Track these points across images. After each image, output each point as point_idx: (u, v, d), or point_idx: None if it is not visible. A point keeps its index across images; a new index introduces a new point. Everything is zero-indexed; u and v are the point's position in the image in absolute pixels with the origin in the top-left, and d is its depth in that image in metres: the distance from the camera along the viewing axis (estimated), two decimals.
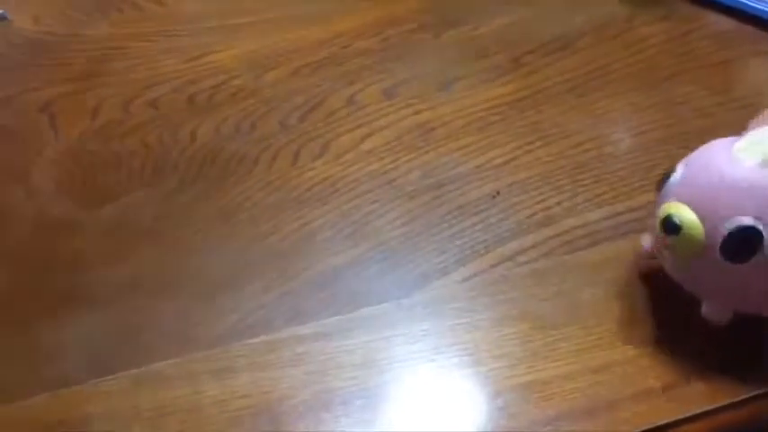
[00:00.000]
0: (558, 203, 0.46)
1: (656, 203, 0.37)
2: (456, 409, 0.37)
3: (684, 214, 0.34)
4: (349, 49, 0.57)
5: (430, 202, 0.47)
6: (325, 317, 0.41)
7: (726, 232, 0.34)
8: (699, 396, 0.37)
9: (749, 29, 0.56)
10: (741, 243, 0.34)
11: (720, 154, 0.35)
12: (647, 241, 0.39)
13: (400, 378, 0.38)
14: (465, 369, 0.38)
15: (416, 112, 0.52)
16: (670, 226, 0.35)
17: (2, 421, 0.37)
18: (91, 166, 0.50)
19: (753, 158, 0.34)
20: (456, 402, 0.37)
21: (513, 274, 0.42)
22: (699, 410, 0.36)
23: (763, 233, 0.33)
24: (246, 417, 0.37)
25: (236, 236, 0.45)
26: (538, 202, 0.46)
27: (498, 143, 0.50)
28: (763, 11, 0.57)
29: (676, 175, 0.36)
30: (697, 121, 0.51)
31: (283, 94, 0.54)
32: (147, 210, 0.47)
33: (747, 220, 0.33)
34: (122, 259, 0.44)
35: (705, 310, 0.36)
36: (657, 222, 0.36)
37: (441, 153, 0.49)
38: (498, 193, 0.47)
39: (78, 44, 0.59)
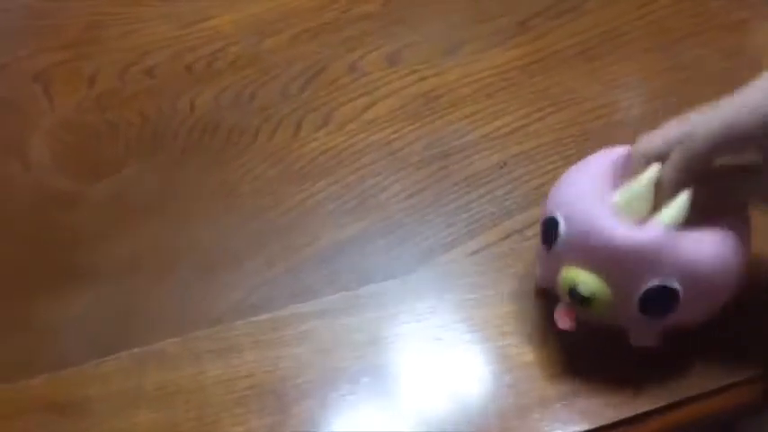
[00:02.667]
0: None
1: (543, 255, 0.36)
2: (464, 386, 0.36)
3: (591, 286, 0.33)
4: (350, 13, 0.55)
5: (436, 173, 0.45)
6: (329, 293, 0.40)
7: (641, 295, 0.33)
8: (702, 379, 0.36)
9: None
10: (660, 299, 0.33)
11: (604, 212, 0.33)
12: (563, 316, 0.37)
13: (407, 355, 0.38)
14: (473, 346, 0.38)
15: (421, 79, 0.51)
16: (578, 298, 0.34)
17: (3, 401, 0.37)
18: (88, 137, 0.49)
19: (634, 217, 0.33)
20: (464, 380, 0.37)
21: (521, 247, 0.41)
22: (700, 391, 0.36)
23: (678, 289, 0.33)
24: (251, 396, 0.36)
25: (238, 210, 0.44)
26: (546, 172, 0.45)
27: (506, 111, 0.48)
28: None
29: (562, 231, 0.34)
30: (710, 84, 0.49)
31: (283, 61, 0.52)
32: (147, 183, 0.46)
33: (662, 281, 0.33)
34: (122, 235, 0.43)
35: (633, 339, 0.36)
36: (560, 287, 0.34)
37: (446, 122, 0.48)
38: (506, 163, 0.45)
39: (72, 10, 0.57)
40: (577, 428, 0.35)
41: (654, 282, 0.33)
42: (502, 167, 0.45)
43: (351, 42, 0.53)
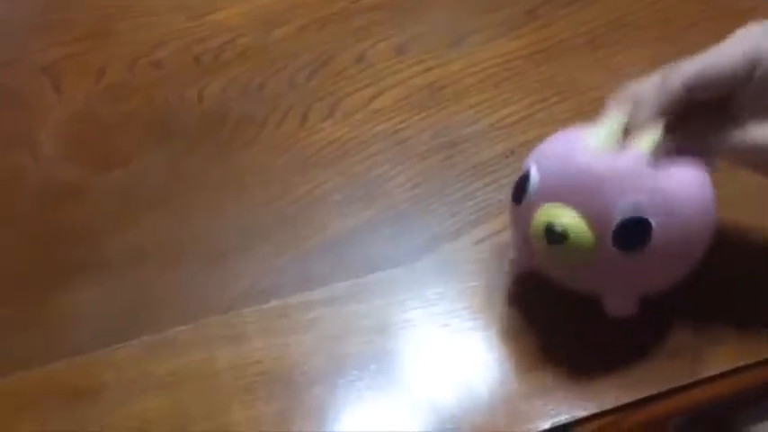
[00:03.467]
0: None
1: (515, 214, 0.35)
2: (471, 371, 0.37)
3: (567, 219, 0.32)
4: (358, 4, 0.55)
5: (442, 162, 0.46)
6: (337, 281, 0.40)
7: (616, 223, 0.32)
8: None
9: None
10: (634, 229, 0.32)
11: (577, 148, 0.33)
12: (523, 260, 0.37)
13: (414, 342, 0.38)
14: (479, 332, 0.38)
15: (427, 69, 0.51)
16: (554, 236, 0.32)
17: (18, 389, 0.37)
18: (98, 129, 0.49)
19: (609, 147, 0.33)
20: (470, 365, 0.37)
21: None
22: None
23: (650, 218, 0.32)
24: (260, 383, 0.37)
25: (246, 199, 0.45)
26: None
27: (512, 100, 0.49)
28: None
29: (534, 178, 0.34)
30: None
31: (291, 52, 0.53)
32: (156, 173, 0.47)
33: (636, 206, 0.32)
34: (132, 225, 0.44)
35: (609, 307, 0.35)
36: (535, 232, 0.33)
37: (452, 111, 0.48)
38: (513, 152, 0.45)
39: (81, 2, 0.57)
40: (584, 413, 0.35)
41: (629, 207, 0.32)
42: (508, 156, 0.45)
43: (358, 33, 0.53)
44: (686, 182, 0.33)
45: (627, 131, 0.34)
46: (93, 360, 0.38)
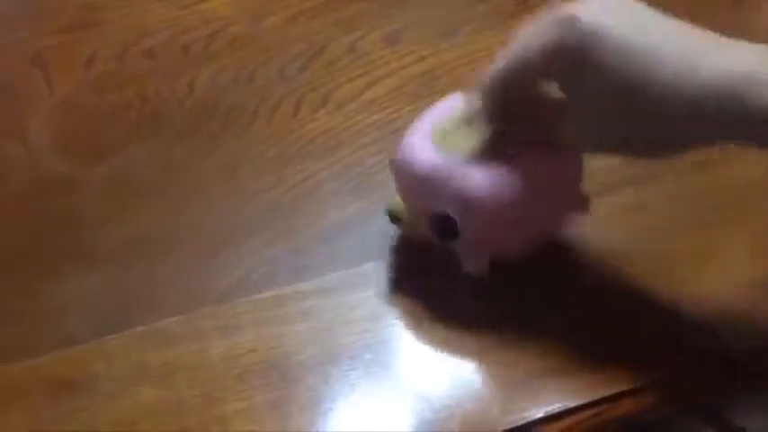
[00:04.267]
0: None
1: None
2: (463, 361, 0.37)
3: (396, 206, 0.39)
4: None
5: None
6: (330, 271, 0.40)
7: (429, 219, 0.37)
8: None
9: None
10: (444, 228, 0.37)
11: (419, 145, 0.37)
12: None
13: (408, 332, 0.38)
14: (474, 321, 0.38)
15: (420, 59, 0.51)
16: (392, 218, 0.39)
17: (7, 381, 0.37)
18: (87, 119, 0.49)
19: (450, 148, 0.36)
20: (463, 355, 0.37)
21: None
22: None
23: (453, 216, 0.36)
24: (254, 373, 0.37)
25: (238, 190, 0.45)
26: None
27: None
28: None
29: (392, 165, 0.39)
30: None
31: (281, 42, 0.52)
32: (147, 164, 0.46)
33: (442, 206, 0.36)
34: (123, 215, 0.44)
35: (464, 266, 0.38)
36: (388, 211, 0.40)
37: None
38: None
39: None
40: (580, 401, 0.35)
41: (436, 208, 0.36)
42: None
43: (350, 23, 0.53)
44: (486, 178, 0.35)
45: (466, 124, 0.37)
46: (85, 351, 0.38)
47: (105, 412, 0.36)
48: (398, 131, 0.47)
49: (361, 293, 0.39)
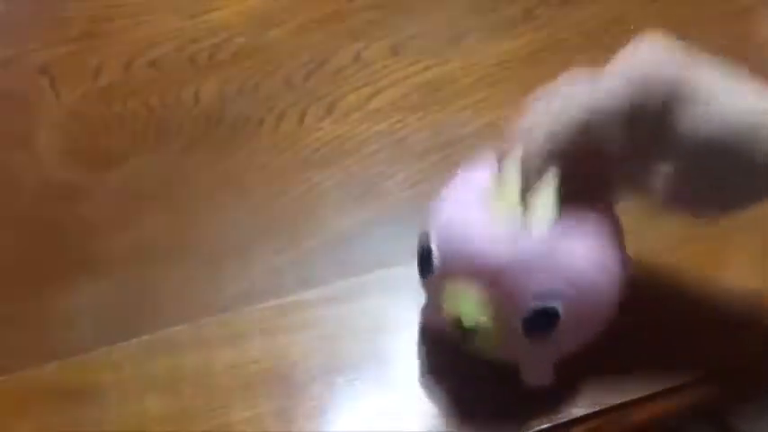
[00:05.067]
0: None
1: (425, 285, 0.34)
2: (471, 371, 0.37)
3: (474, 314, 0.31)
4: (354, 3, 0.55)
5: (440, 161, 0.46)
6: (335, 280, 0.40)
7: (524, 315, 0.31)
8: None
9: None
10: (543, 317, 0.31)
11: (477, 221, 0.31)
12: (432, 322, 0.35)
13: (414, 341, 0.38)
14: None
15: (425, 69, 0.51)
16: (464, 332, 0.31)
17: (15, 388, 0.37)
18: (94, 129, 0.49)
19: (513, 220, 0.31)
20: (470, 364, 0.37)
21: None
22: None
23: (558, 304, 0.31)
24: (259, 382, 0.37)
25: (244, 199, 0.45)
26: None
27: (509, 100, 0.48)
28: None
29: (435, 252, 0.32)
30: None
31: (287, 51, 0.53)
32: (153, 174, 0.46)
33: (543, 295, 0.31)
34: (130, 224, 0.44)
35: (526, 378, 0.34)
36: (447, 318, 0.32)
37: (450, 111, 0.48)
38: None
39: (76, 2, 0.57)
40: (586, 410, 0.35)
41: (537, 296, 0.30)
42: None
43: (355, 32, 0.53)
44: (590, 255, 0.31)
45: (522, 183, 0.32)
46: (92, 360, 0.38)
47: (112, 420, 0.36)
48: (403, 141, 0.47)
49: (366, 302, 0.39)
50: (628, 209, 0.39)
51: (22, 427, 0.36)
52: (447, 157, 0.46)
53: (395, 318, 0.39)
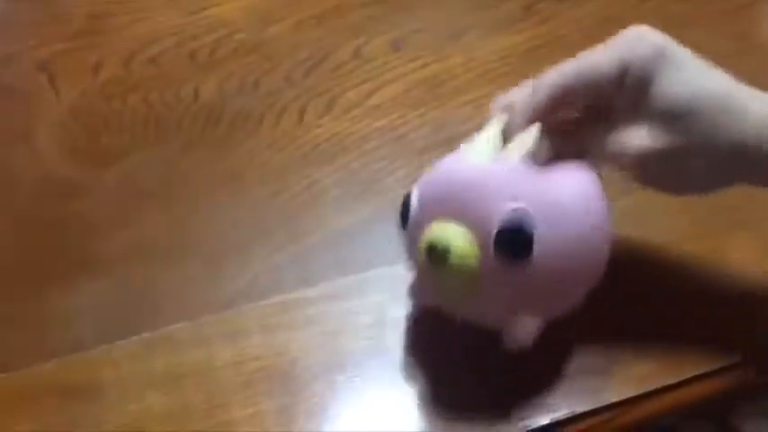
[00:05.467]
0: None
1: (405, 241, 0.34)
2: (470, 367, 0.37)
3: (449, 233, 0.30)
4: None
5: (440, 157, 0.45)
6: (336, 277, 0.40)
7: (495, 232, 0.30)
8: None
9: None
10: (515, 238, 0.30)
11: (455, 162, 0.33)
12: (417, 291, 0.36)
13: (414, 338, 0.38)
14: (480, 327, 0.38)
15: (425, 65, 0.51)
16: (436, 254, 0.30)
17: (15, 386, 0.37)
18: (94, 126, 0.49)
19: (487, 157, 0.32)
20: (471, 359, 0.37)
21: None
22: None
23: (531, 226, 0.30)
24: (260, 379, 0.37)
25: (244, 196, 0.45)
26: None
27: None
28: None
29: (414, 198, 0.33)
30: None
31: (287, 48, 0.52)
32: (153, 171, 0.46)
33: (510, 213, 0.30)
34: (130, 222, 0.44)
35: (506, 337, 0.33)
36: (420, 255, 0.31)
37: (451, 107, 0.48)
38: None
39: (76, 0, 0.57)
40: (587, 407, 0.35)
41: (507, 215, 0.30)
42: None
43: (355, 28, 0.53)
44: (570, 188, 0.32)
45: (505, 140, 0.33)
46: (92, 357, 0.38)
47: (113, 418, 0.36)
48: (404, 137, 0.47)
49: (367, 299, 0.39)
50: (629, 208, 0.39)
51: (23, 425, 0.36)
52: (447, 154, 0.46)
53: (396, 315, 0.38)
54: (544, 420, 0.35)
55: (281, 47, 0.53)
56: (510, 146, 0.33)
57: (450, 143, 0.46)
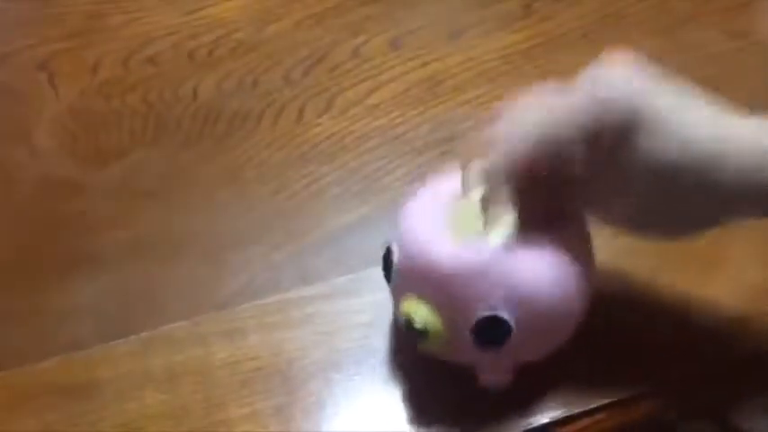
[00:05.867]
0: None
1: (390, 287, 0.35)
2: (468, 366, 0.36)
3: (424, 317, 0.32)
4: None
5: (439, 157, 0.46)
6: (334, 276, 0.40)
7: (472, 324, 0.31)
8: None
9: None
10: (492, 328, 0.31)
11: (431, 239, 0.32)
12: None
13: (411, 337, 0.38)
14: None
15: (424, 64, 0.51)
16: (414, 332, 0.32)
17: (14, 385, 0.37)
18: (92, 125, 0.49)
19: (470, 233, 0.32)
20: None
21: None
22: None
23: (507, 320, 0.31)
24: (257, 378, 0.37)
25: (243, 195, 0.45)
26: None
27: (509, 94, 0.48)
28: None
29: (396, 265, 0.33)
30: (714, 67, 0.49)
31: (286, 47, 0.52)
32: (151, 170, 0.46)
33: (488, 312, 0.31)
34: (128, 221, 0.44)
35: (482, 381, 0.34)
36: (400, 319, 0.33)
37: (450, 106, 0.48)
38: None
39: None
40: (585, 407, 0.35)
41: (484, 311, 0.31)
42: None
43: (354, 27, 0.53)
44: (545, 269, 0.32)
45: (483, 196, 0.32)
46: (90, 356, 0.38)
47: (111, 416, 0.36)
48: (402, 136, 0.47)
49: (365, 298, 0.39)
50: None
51: (21, 422, 0.36)
52: (447, 153, 0.46)
53: (393, 314, 0.38)
54: (540, 421, 0.35)
55: (279, 46, 0.53)
56: (490, 227, 0.32)
57: (450, 142, 0.46)
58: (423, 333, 0.32)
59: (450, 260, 0.31)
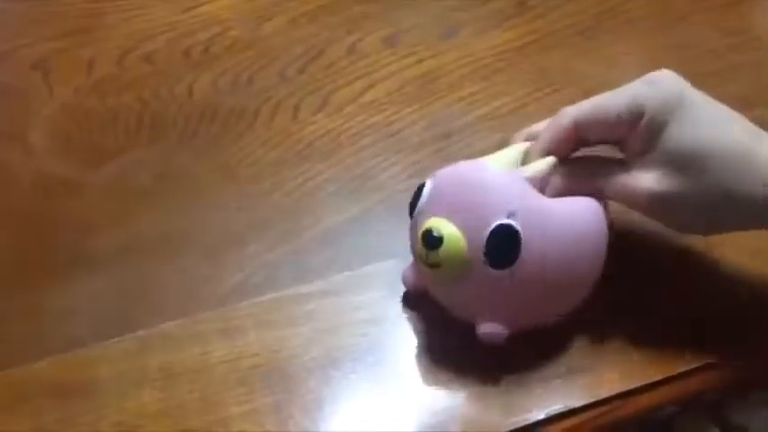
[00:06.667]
0: None
1: (410, 228, 0.36)
2: (467, 363, 0.37)
3: (444, 227, 0.33)
4: None
5: (435, 154, 0.46)
6: (331, 273, 0.40)
7: (486, 236, 0.33)
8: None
9: None
10: (503, 244, 0.33)
11: (468, 164, 0.36)
12: (409, 275, 0.38)
13: (410, 334, 0.38)
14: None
15: (419, 61, 0.51)
16: (431, 240, 0.33)
17: (10, 384, 0.37)
18: (88, 123, 0.49)
19: (502, 165, 0.36)
20: (466, 356, 0.37)
21: None
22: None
23: (520, 231, 0.33)
24: (255, 376, 0.37)
25: (239, 193, 0.45)
26: None
27: (505, 91, 0.49)
28: None
29: (425, 192, 0.36)
30: (711, 63, 0.49)
31: (281, 44, 0.52)
32: (147, 168, 0.46)
33: (504, 220, 0.33)
34: (124, 219, 0.44)
35: (480, 332, 0.35)
36: (418, 241, 0.34)
37: (445, 103, 0.48)
38: (506, 143, 0.45)
39: None
40: (582, 402, 0.35)
41: (500, 218, 0.33)
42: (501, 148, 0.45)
43: (349, 25, 0.53)
44: (569, 208, 0.35)
45: (524, 163, 0.36)
46: (87, 354, 0.38)
47: (108, 415, 0.36)
48: (398, 133, 0.47)
49: (362, 295, 0.39)
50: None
51: (18, 422, 0.36)
52: (442, 150, 0.46)
53: (391, 310, 0.38)
54: (539, 416, 0.35)
55: (275, 43, 0.53)
56: (526, 166, 0.36)
57: (445, 139, 0.47)
58: (438, 241, 0.33)
59: (478, 172, 0.35)
